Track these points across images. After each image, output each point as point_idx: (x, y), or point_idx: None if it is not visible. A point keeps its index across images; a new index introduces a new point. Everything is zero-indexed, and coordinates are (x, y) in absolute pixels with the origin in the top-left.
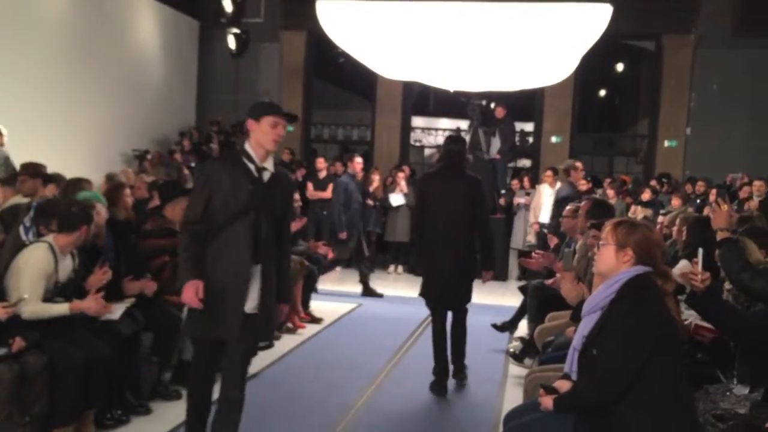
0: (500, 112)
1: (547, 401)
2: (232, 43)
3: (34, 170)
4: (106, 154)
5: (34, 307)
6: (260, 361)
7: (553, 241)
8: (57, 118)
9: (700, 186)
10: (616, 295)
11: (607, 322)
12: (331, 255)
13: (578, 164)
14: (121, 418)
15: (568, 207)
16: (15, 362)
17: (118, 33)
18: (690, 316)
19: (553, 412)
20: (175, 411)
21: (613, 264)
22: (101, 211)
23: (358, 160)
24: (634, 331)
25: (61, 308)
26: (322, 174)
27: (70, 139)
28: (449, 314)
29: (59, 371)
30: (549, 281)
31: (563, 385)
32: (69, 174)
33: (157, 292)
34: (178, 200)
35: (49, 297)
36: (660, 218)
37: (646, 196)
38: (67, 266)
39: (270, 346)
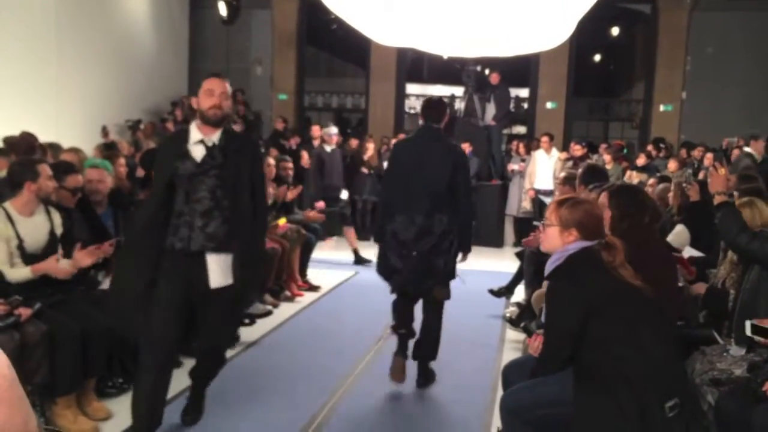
0: (495, 78)
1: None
2: (223, 9)
3: None
4: (98, 124)
5: None
6: (260, 328)
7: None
8: (48, 89)
9: (698, 152)
10: (554, 268)
11: (547, 292)
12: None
13: None
14: (123, 386)
15: (561, 174)
16: (16, 332)
17: (108, 1)
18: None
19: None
20: (176, 378)
21: (558, 244)
22: (106, 179)
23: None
24: (563, 300)
25: (23, 272)
26: (317, 142)
27: (62, 109)
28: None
29: (58, 340)
30: (525, 240)
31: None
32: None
33: None
34: None
35: (25, 259)
36: (651, 180)
37: (641, 161)
38: (38, 226)
39: (269, 313)
